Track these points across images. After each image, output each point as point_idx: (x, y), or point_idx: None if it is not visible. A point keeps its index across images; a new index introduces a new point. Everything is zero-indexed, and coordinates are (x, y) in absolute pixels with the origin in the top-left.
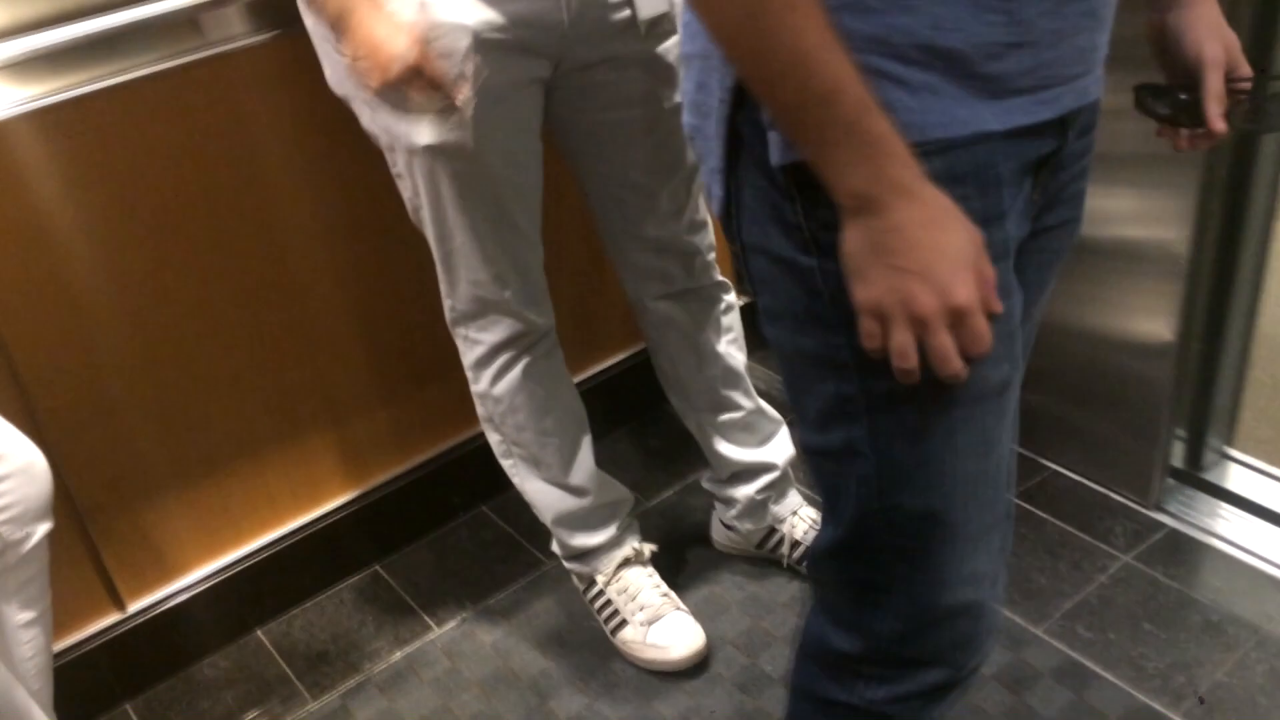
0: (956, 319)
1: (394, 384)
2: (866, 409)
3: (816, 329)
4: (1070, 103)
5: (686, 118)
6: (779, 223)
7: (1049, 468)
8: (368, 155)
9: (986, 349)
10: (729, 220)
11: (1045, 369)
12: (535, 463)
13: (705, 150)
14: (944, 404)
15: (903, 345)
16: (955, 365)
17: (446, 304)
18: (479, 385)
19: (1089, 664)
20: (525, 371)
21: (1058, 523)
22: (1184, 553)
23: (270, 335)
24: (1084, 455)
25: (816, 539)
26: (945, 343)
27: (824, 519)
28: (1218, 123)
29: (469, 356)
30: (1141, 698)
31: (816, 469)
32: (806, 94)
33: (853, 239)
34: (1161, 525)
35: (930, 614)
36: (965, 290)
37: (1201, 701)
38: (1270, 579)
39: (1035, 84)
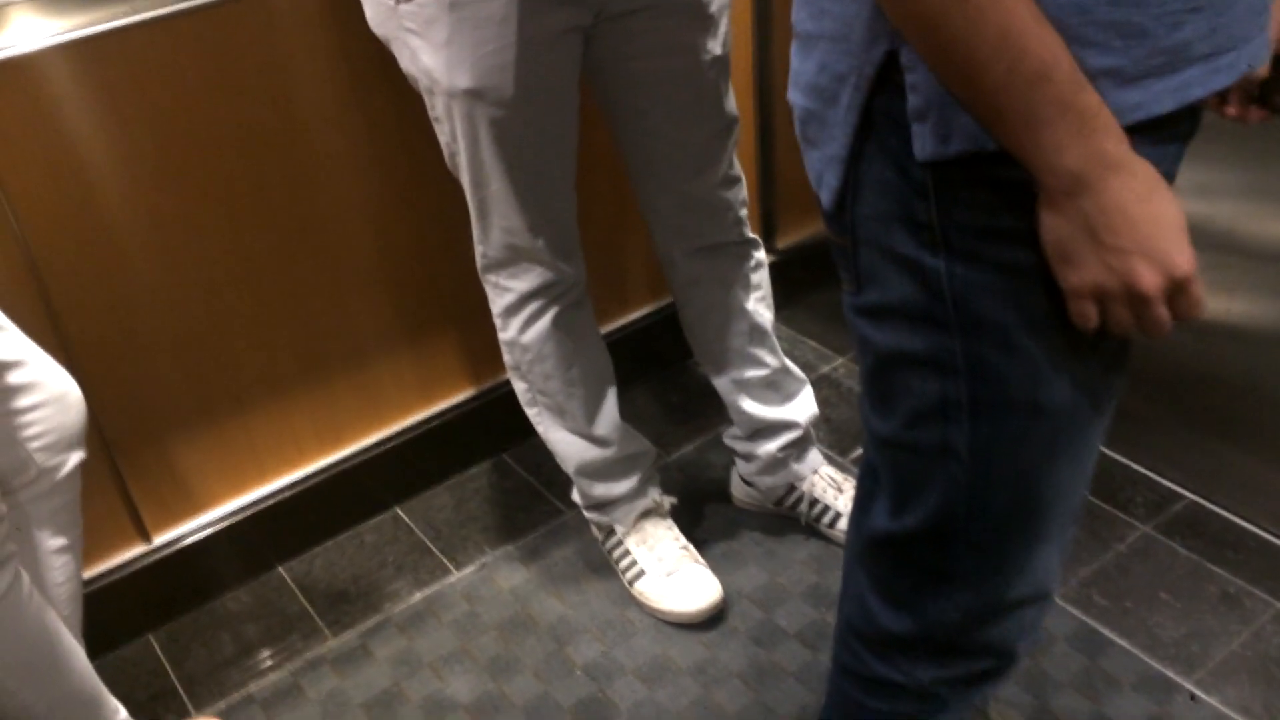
0: (1178, 289)
1: (420, 329)
2: (970, 414)
3: (930, 331)
4: (1244, 66)
5: (800, 100)
6: (905, 220)
7: None
8: (405, 98)
9: (1201, 313)
10: (840, 211)
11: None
12: (560, 412)
13: (823, 137)
14: (1056, 417)
15: (1125, 322)
16: (1167, 330)
17: (478, 250)
18: (507, 333)
19: (1104, 631)
20: (554, 321)
21: None
22: None
23: (300, 276)
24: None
25: (874, 519)
26: (1164, 314)
27: (890, 504)
28: (1231, 106)
29: (498, 304)
30: (1156, 666)
31: (893, 460)
32: (1017, 74)
33: (1058, 225)
34: (1181, 497)
35: (994, 607)
36: (1185, 259)
37: (1193, 698)
38: None
39: (1211, 49)
